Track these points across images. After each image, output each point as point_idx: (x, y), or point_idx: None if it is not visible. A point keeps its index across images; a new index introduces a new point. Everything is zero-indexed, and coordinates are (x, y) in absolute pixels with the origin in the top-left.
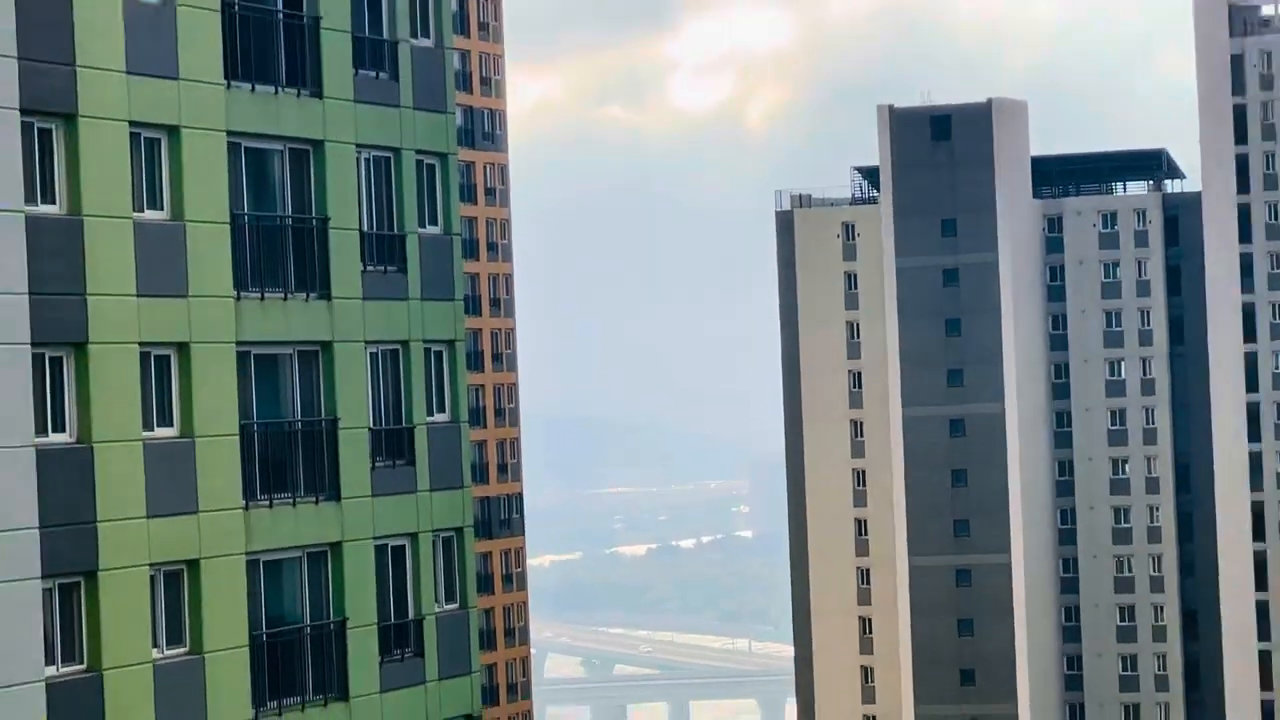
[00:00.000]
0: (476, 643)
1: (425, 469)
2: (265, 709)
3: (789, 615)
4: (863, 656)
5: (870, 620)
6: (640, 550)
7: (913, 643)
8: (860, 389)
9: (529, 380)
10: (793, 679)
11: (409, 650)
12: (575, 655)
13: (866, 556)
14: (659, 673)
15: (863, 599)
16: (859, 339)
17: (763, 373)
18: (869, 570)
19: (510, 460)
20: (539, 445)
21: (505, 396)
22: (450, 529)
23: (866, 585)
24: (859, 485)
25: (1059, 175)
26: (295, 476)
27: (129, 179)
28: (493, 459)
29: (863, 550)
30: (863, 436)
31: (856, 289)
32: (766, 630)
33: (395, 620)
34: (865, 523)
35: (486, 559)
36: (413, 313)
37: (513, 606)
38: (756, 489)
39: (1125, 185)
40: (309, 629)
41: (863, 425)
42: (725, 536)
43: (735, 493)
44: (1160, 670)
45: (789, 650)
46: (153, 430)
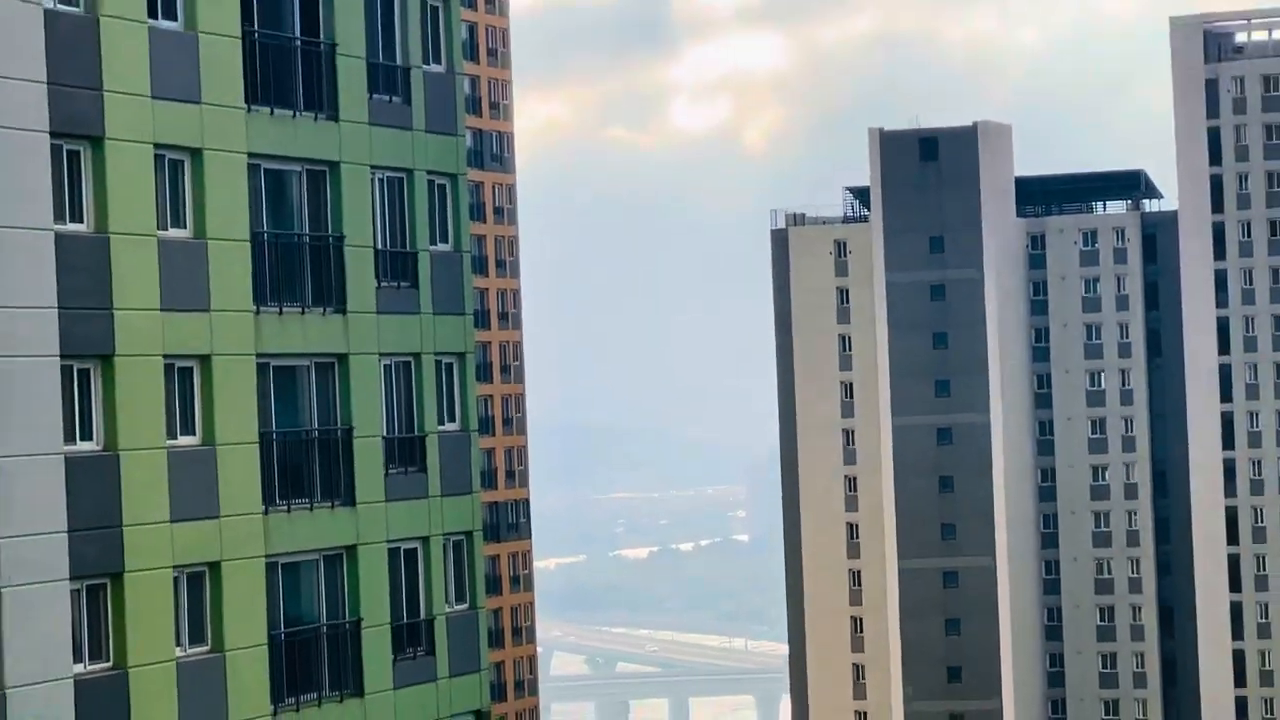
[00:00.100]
0: (485, 641)
1: (436, 475)
2: (284, 705)
3: (784, 615)
4: (854, 654)
5: (861, 620)
6: (642, 553)
7: (902, 641)
8: (852, 399)
9: (535, 390)
10: (788, 676)
11: (421, 649)
12: (580, 654)
13: (858, 559)
14: (660, 670)
15: (854, 600)
16: (851, 351)
17: (758, 383)
18: (860, 572)
19: (517, 467)
20: (545, 453)
21: (513, 406)
22: (460, 533)
23: (858, 586)
24: (851, 491)
25: (1041, 195)
26: (312, 483)
27: (153, 199)
28: (501, 466)
29: (854, 553)
30: (854, 444)
31: (848, 303)
32: (763, 629)
33: (408, 620)
34: (857, 527)
35: (495, 561)
36: (425, 326)
37: (520, 607)
38: (753, 494)
39: (1105, 205)
40: (325, 628)
41: (854, 433)
42: (723, 540)
43: (732, 498)
44: (1139, 668)
45: (784, 649)
46: (176, 438)
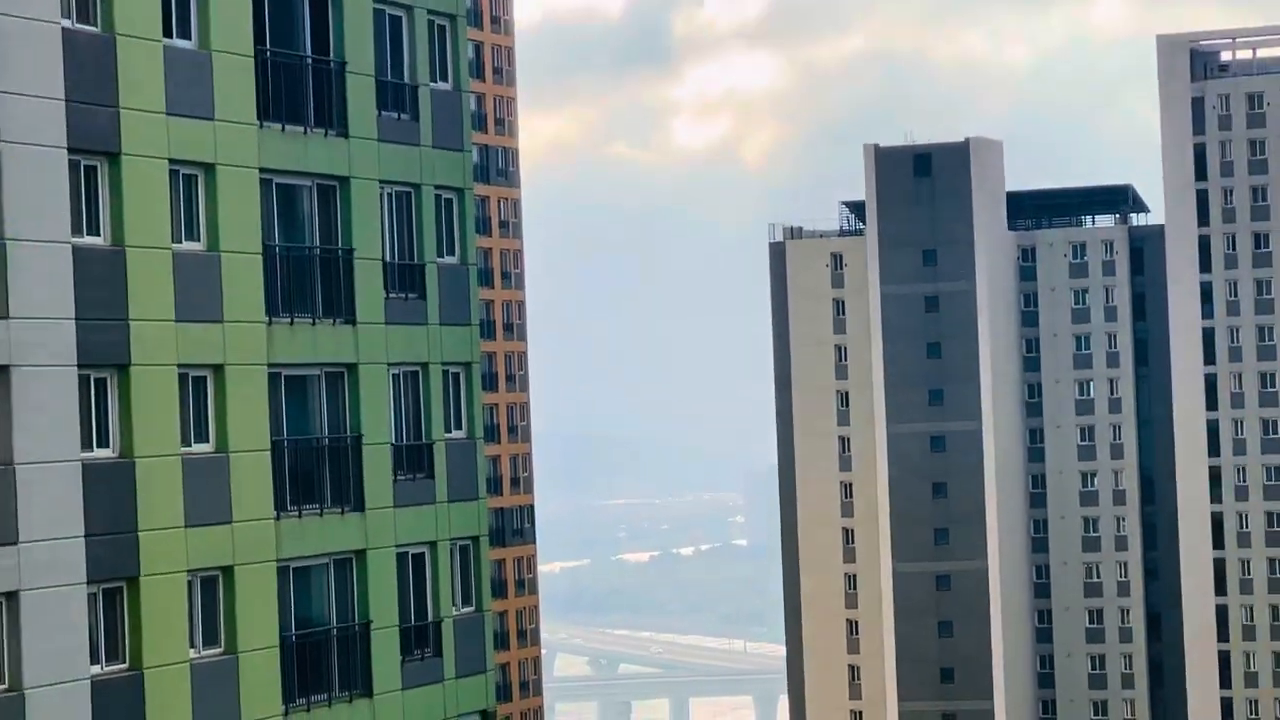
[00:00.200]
0: (491, 643)
1: (443, 482)
2: (295, 705)
3: (781, 617)
4: (850, 656)
5: (857, 622)
6: (643, 557)
7: (896, 643)
8: (848, 407)
9: (539, 399)
10: (785, 677)
11: (428, 650)
12: (583, 655)
13: (853, 563)
14: (661, 671)
15: (850, 603)
16: (846, 361)
17: (757, 392)
18: (855, 576)
19: (522, 474)
20: (549, 460)
21: (518, 415)
22: (467, 538)
23: (853, 590)
24: (846, 497)
25: (1032, 209)
26: (323, 489)
27: (168, 213)
28: (506, 473)
29: (850, 557)
30: (850, 452)
31: (844, 314)
32: (761, 631)
33: (415, 622)
34: (852, 532)
35: (500, 565)
36: (432, 337)
37: (525, 610)
38: (751, 500)
39: (1094, 218)
40: (335, 630)
41: (850, 441)
42: (722, 545)
43: (731, 504)
44: (1127, 669)
45: (781, 650)
46: (190, 446)
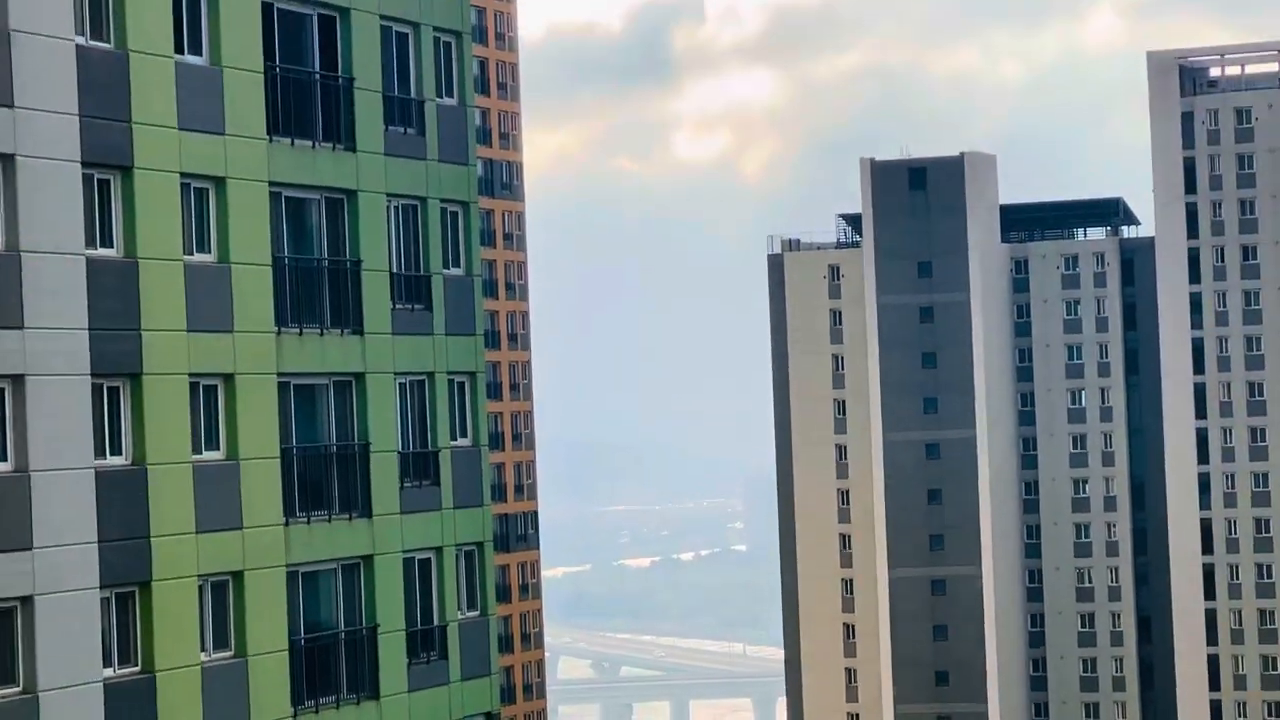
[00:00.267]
0: (495, 647)
1: (449, 489)
2: (303, 707)
3: (780, 622)
4: (847, 659)
5: (853, 626)
6: (644, 562)
7: (892, 647)
8: (844, 415)
9: (543, 408)
10: (783, 680)
11: (434, 654)
12: (585, 658)
13: (850, 568)
14: (662, 674)
15: (847, 607)
16: (843, 370)
17: (756, 400)
18: (852, 581)
19: (526, 481)
20: (552, 467)
21: (522, 423)
22: (471, 543)
23: (850, 595)
24: (843, 503)
25: (1025, 221)
26: (331, 495)
27: (180, 225)
28: (510, 479)
29: (847, 563)
30: (847, 459)
31: (841, 324)
32: (759, 635)
33: (421, 626)
34: (849, 537)
35: (504, 570)
36: (438, 347)
37: (528, 614)
38: (750, 507)
39: (1085, 231)
40: (343, 634)
41: (847, 449)
42: (722, 550)
43: (731, 510)
44: (1118, 672)
45: (780, 654)
46: (201, 453)
